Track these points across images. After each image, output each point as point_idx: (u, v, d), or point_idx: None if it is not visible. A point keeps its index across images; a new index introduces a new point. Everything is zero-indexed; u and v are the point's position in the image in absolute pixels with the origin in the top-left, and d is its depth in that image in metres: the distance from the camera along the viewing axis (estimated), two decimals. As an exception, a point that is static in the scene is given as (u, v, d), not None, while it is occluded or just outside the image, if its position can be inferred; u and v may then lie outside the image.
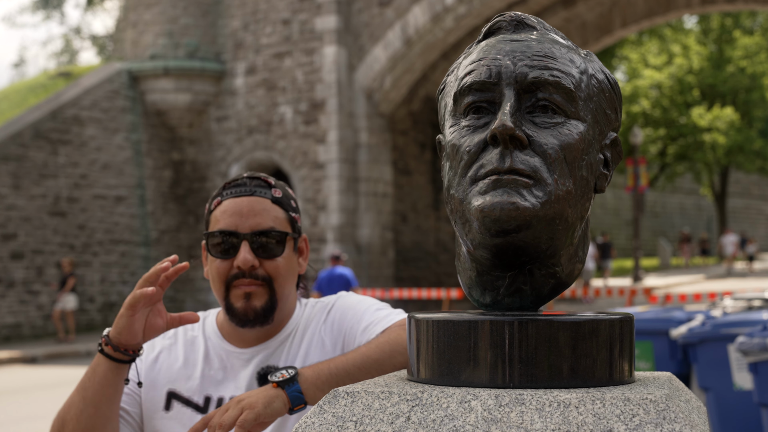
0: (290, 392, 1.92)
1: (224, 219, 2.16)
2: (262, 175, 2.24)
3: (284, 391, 1.92)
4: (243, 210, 2.15)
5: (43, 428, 10.25)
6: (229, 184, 2.21)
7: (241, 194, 2.18)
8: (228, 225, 2.15)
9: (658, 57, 40.81)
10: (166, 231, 23.87)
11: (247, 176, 2.22)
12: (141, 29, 23.79)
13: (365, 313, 2.22)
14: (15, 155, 20.49)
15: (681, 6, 24.55)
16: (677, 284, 31.16)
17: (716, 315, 7.98)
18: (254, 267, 2.13)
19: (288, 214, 2.21)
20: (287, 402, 1.91)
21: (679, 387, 1.51)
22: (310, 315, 2.27)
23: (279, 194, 2.21)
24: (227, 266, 2.15)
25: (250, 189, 2.19)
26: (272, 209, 2.18)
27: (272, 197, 2.20)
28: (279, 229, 2.17)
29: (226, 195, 2.19)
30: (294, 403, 1.91)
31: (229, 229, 2.15)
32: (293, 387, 1.93)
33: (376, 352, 2.00)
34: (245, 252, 2.13)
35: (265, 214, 2.17)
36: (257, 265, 2.14)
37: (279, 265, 2.16)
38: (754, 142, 40.29)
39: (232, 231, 2.14)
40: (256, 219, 2.15)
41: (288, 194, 2.25)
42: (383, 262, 22.93)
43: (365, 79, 22.28)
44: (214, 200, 2.21)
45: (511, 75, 1.44)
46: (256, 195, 2.18)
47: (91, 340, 19.24)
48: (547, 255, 1.45)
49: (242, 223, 2.15)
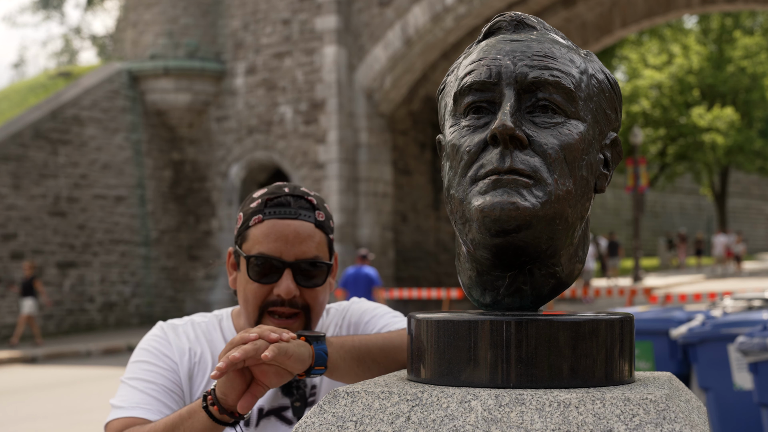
0: (317, 348, 1.87)
1: (267, 243, 2.08)
2: (305, 193, 2.14)
3: (311, 346, 1.87)
4: (288, 236, 2.07)
5: (43, 428, 10.25)
6: (271, 200, 2.11)
7: (285, 216, 2.09)
8: (271, 251, 2.07)
9: (658, 57, 40.81)
10: (166, 231, 23.86)
11: (290, 194, 2.13)
12: (141, 29, 23.80)
13: (382, 317, 2.21)
14: (15, 155, 20.49)
15: (681, 6, 24.55)
16: (677, 284, 31.17)
17: (716, 315, 7.98)
18: (295, 297, 2.09)
19: (328, 238, 2.15)
20: (312, 356, 1.84)
21: (679, 387, 1.51)
22: (326, 321, 2.26)
23: (322, 218, 2.14)
24: (265, 292, 2.08)
25: (294, 211, 2.10)
26: (315, 235, 2.11)
27: (315, 221, 2.12)
28: (323, 258, 2.11)
29: (269, 214, 2.09)
30: (317, 360, 1.85)
31: (274, 256, 2.07)
32: (321, 345, 1.88)
33: (397, 338, 1.98)
34: (288, 281, 2.07)
35: (309, 241, 2.09)
36: (298, 294, 2.09)
37: (318, 295, 2.11)
38: (754, 142, 40.30)
39: (276, 258, 2.07)
40: (302, 247, 2.08)
41: (328, 215, 2.18)
42: (383, 262, 22.93)
43: (365, 79, 22.28)
44: (253, 216, 2.11)
45: (511, 75, 1.44)
46: (300, 218, 2.10)
47: (91, 341, 19.25)
48: (547, 255, 1.45)
49: (287, 251, 2.07)
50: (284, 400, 2.15)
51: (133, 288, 22.98)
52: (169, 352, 2.14)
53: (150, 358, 2.12)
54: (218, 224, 23.71)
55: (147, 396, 2.05)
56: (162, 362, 2.12)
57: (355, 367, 1.92)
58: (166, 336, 2.18)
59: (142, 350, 2.15)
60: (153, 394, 2.06)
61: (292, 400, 2.14)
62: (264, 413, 2.16)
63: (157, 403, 2.05)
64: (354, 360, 1.92)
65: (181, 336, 2.18)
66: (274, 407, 2.15)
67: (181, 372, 2.13)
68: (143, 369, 2.10)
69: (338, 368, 1.90)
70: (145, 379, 2.08)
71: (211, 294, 23.52)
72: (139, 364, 2.11)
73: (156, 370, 2.10)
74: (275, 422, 2.15)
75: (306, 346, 1.83)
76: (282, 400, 2.15)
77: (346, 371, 1.92)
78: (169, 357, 2.13)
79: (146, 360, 2.12)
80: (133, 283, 22.97)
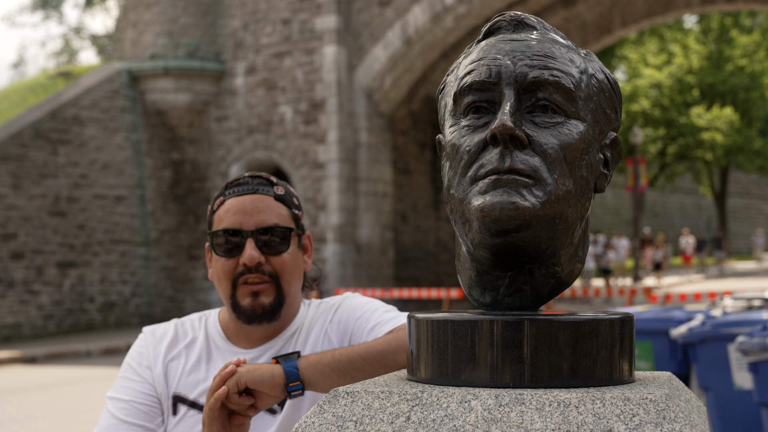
0: (286, 366, 1.92)
1: (228, 218, 2.16)
2: (263, 174, 2.25)
3: (280, 365, 1.92)
4: (246, 208, 2.16)
5: (43, 428, 10.25)
6: (231, 183, 2.21)
7: (244, 192, 2.18)
8: (232, 223, 2.15)
9: (657, 56, 40.83)
10: (166, 231, 23.87)
11: (249, 175, 2.23)
12: (141, 29, 23.79)
13: (374, 313, 2.22)
14: (15, 155, 20.49)
15: (681, 6, 24.55)
16: (677, 284, 31.17)
17: (716, 315, 7.98)
18: (260, 263, 2.13)
19: (291, 211, 2.22)
20: (282, 376, 1.90)
21: (679, 387, 1.51)
22: (315, 314, 2.27)
23: (281, 191, 2.22)
24: (233, 264, 2.14)
25: (252, 187, 2.19)
26: (275, 206, 2.19)
27: (275, 194, 2.20)
28: (283, 225, 2.18)
29: (229, 194, 2.19)
30: (289, 377, 1.90)
31: (234, 227, 2.15)
32: (290, 362, 1.93)
33: (381, 345, 1.99)
34: (251, 249, 2.13)
35: (268, 211, 2.17)
36: (263, 262, 2.14)
37: (285, 261, 2.16)
38: (753, 141, 40.30)
39: (237, 229, 2.15)
40: (260, 216, 2.16)
41: (290, 192, 2.25)
42: (383, 261, 22.93)
43: (365, 78, 22.28)
44: (216, 200, 2.22)
45: (511, 75, 1.44)
46: (258, 193, 2.19)
47: (91, 341, 19.25)
48: (547, 255, 1.45)
49: (246, 221, 2.15)
50: None
51: (133, 288, 22.98)
52: (144, 360, 2.23)
53: (127, 373, 2.23)
54: (218, 224, 23.68)
55: (115, 420, 2.16)
56: (136, 375, 2.22)
57: (337, 379, 1.93)
58: (145, 343, 2.27)
59: (124, 363, 2.26)
60: (120, 415, 2.17)
61: None
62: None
63: (123, 425, 2.15)
64: (334, 372, 1.94)
65: (160, 338, 2.26)
66: None
67: (155, 374, 2.21)
68: (120, 385, 2.22)
69: (317, 382, 1.94)
70: (117, 398, 2.19)
71: (211, 294, 23.53)
72: (119, 380, 2.24)
73: (129, 385, 2.20)
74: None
75: (273, 369, 1.91)
76: None
77: (327, 384, 1.94)
78: (144, 366, 2.22)
79: (124, 375, 2.24)
80: (133, 283, 22.97)
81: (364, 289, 19.92)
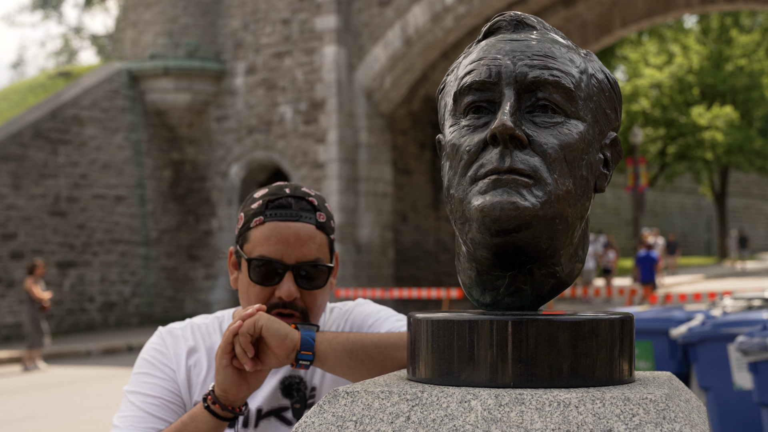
0: (303, 332, 1.90)
1: (268, 245, 2.08)
2: (305, 194, 2.14)
3: (299, 331, 1.91)
4: (289, 239, 2.08)
5: (43, 428, 10.25)
6: (272, 202, 2.11)
7: (286, 218, 2.09)
8: (273, 253, 2.08)
9: (657, 56, 40.82)
10: (166, 231, 23.87)
11: (291, 195, 2.13)
12: (141, 29, 23.79)
13: (386, 321, 2.21)
14: (15, 155, 20.49)
15: (681, 6, 24.55)
16: (677, 284, 31.17)
17: (716, 315, 7.99)
18: (296, 299, 2.09)
19: (329, 239, 2.16)
20: (296, 340, 1.88)
21: (679, 386, 1.51)
22: (328, 320, 2.26)
23: (323, 219, 2.14)
24: (267, 294, 2.09)
25: (295, 213, 2.10)
26: (316, 237, 2.11)
27: (317, 222, 2.12)
28: (324, 260, 2.12)
29: (270, 216, 2.10)
30: (303, 345, 1.89)
31: (275, 258, 2.08)
32: (308, 331, 1.91)
33: (395, 338, 1.98)
34: (289, 284, 2.07)
35: (311, 243, 2.09)
36: (299, 297, 2.10)
37: (317, 297, 2.12)
38: (753, 141, 40.29)
39: (278, 261, 2.08)
40: (303, 250, 2.08)
41: (329, 215, 2.18)
42: (383, 261, 22.92)
43: (365, 78, 22.28)
44: (255, 218, 2.11)
45: (511, 75, 1.44)
46: (301, 221, 2.10)
47: (91, 341, 19.25)
48: (547, 255, 1.45)
49: (288, 253, 2.08)
50: (284, 401, 2.16)
51: (133, 288, 22.97)
52: (166, 360, 2.17)
53: (148, 369, 2.16)
54: (218, 224, 23.71)
55: (143, 412, 2.09)
56: (159, 372, 2.15)
57: (347, 359, 1.92)
58: (164, 343, 2.20)
59: (142, 360, 2.18)
60: (148, 409, 2.09)
61: (292, 402, 2.15)
62: (263, 414, 2.16)
63: (152, 419, 2.08)
64: (346, 352, 1.92)
65: (178, 340, 2.20)
66: (274, 408, 2.16)
67: (179, 378, 2.15)
68: (142, 381, 2.14)
69: (328, 358, 1.92)
70: (142, 393, 2.12)
71: (211, 294, 23.52)
72: (139, 376, 2.15)
73: (153, 381, 2.14)
74: (275, 423, 2.15)
75: (290, 330, 1.89)
76: (282, 401, 2.16)
77: (337, 363, 1.92)
78: (166, 365, 2.16)
79: (144, 371, 2.16)
80: (133, 282, 22.97)
81: (364, 289, 19.92)
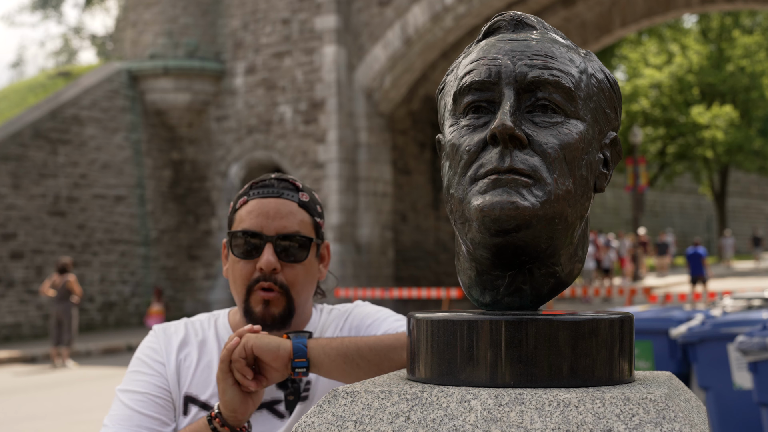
0: (295, 341, 1.92)
1: (249, 219, 2.14)
2: (290, 178, 2.21)
3: (290, 340, 1.92)
4: (269, 211, 2.14)
5: (43, 428, 10.25)
6: (256, 183, 2.19)
7: (268, 195, 2.16)
8: (253, 225, 2.13)
9: (657, 56, 40.81)
10: (166, 231, 23.87)
11: (275, 177, 2.20)
12: (140, 29, 23.79)
13: (384, 321, 2.22)
14: (15, 155, 20.49)
15: (681, 5, 24.55)
16: (677, 284, 31.17)
17: (716, 314, 7.99)
18: (276, 270, 2.12)
19: (313, 219, 2.19)
20: (288, 350, 1.90)
21: (679, 386, 1.51)
22: (327, 321, 2.26)
23: (306, 198, 2.19)
24: (250, 268, 2.13)
25: (277, 190, 2.17)
26: (298, 213, 2.16)
27: (299, 201, 2.18)
28: (304, 233, 2.15)
29: (253, 195, 2.17)
30: (296, 353, 1.90)
31: (254, 230, 2.13)
32: (300, 339, 1.93)
33: (390, 339, 1.99)
34: (269, 254, 2.11)
35: (291, 217, 2.15)
36: (279, 269, 2.12)
37: (298, 273, 2.14)
38: (753, 141, 40.28)
39: (257, 232, 2.13)
40: (282, 222, 2.14)
41: (314, 199, 2.23)
42: (383, 261, 22.92)
43: (365, 78, 22.28)
44: (239, 199, 2.19)
45: (511, 74, 1.44)
46: (283, 197, 2.16)
47: (91, 340, 19.24)
48: (547, 254, 1.45)
49: (267, 225, 2.13)
50: (278, 393, 2.17)
51: (133, 288, 22.97)
52: (157, 356, 2.20)
53: (139, 367, 2.19)
54: (218, 224, 23.71)
55: (130, 410, 2.12)
56: (149, 369, 2.18)
57: (342, 363, 1.93)
58: (157, 339, 2.23)
59: (135, 358, 2.22)
60: (135, 406, 2.12)
61: (286, 394, 2.16)
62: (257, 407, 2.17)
63: (138, 416, 2.12)
64: (340, 357, 1.93)
65: (171, 336, 2.24)
66: (267, 400, 2.17)
67: (168, 371, 2.18)
68: (132, 379, 2.18)
69: (322, 363, 1.93)
70: (131, 390, 2.15)
71: (210, 294, 23.52)
72: (130, 374, 2.19)
73: (142, 378, 2.17)
74: (267, 415, 2.17)
75: (281, 341, 1.91)
76: (276, 393, 2.17)
77: (333, 367, 1.94)
78: (157, 361, 2.19)
79: (136, 369, 2.19)
80: (132, 282, 22.97)
81: (363, 289, 19.92)
